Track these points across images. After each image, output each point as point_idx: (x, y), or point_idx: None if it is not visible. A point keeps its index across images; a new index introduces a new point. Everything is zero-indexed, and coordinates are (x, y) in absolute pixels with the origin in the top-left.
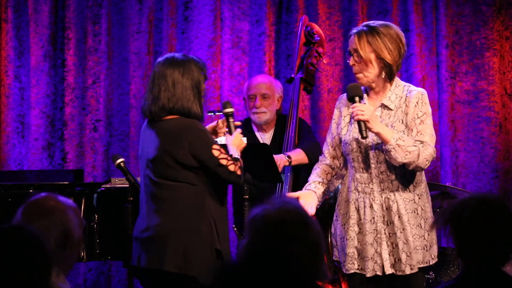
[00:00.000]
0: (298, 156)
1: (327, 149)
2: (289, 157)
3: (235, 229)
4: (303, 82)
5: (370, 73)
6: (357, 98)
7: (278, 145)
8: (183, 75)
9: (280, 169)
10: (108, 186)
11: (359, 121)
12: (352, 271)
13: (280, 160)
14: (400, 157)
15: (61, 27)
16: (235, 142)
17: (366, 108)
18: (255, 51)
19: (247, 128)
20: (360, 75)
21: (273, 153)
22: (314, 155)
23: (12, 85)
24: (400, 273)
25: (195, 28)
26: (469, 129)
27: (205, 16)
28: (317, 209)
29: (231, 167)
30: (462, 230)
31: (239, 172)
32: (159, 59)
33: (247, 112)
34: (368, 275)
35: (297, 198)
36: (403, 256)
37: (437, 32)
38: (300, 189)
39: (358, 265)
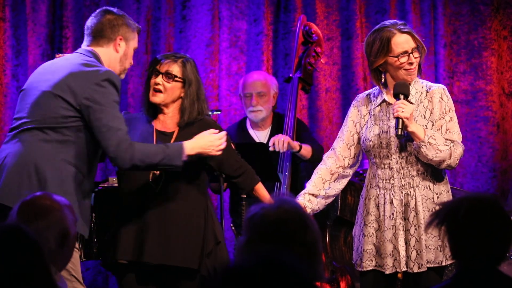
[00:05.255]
0: (306, 149)
1: (339, 147)
2: (300, 146)
3: (232, 228)
4: (301, 82)
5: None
6: (401, 96)
7: None
8: None
9: (285, 148)
10: (105, 185)
11: (397, 118)
12: (370, 268)
13: (293, 143)
14: (431, 154)
15: (59, 26)
16: None
17: (408, 106)
18: (253, 50)
19: (241, 128)
20: (415, 72)
21: (270, 153)
22: (318, 157)
23: (10, 84)
24: (410, 271)
25: (193, 27)
26: (467, 128)
27: (203, 15)
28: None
29: None
30: (457, 230)
31: None
32: None
33: (244, 110)
34: (387, 272)
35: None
36: (413, 254)
37: (435, 31)
38: (298, 188)
39: (376, 262)
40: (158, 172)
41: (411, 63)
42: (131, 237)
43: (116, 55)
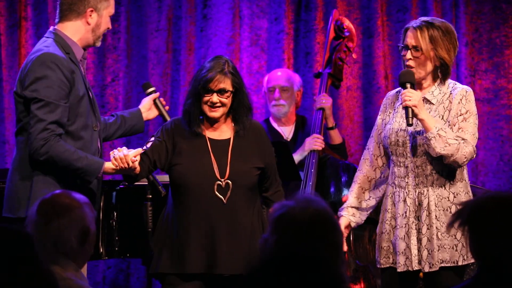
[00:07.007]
0: (338, 135)
1: (372, 146)
2: (335, 124)
3: None
4: (331, 78)
5: (423, 71)
6: (408, 85)
7: (300, 140)
8: None
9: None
10: (126, 183)
11: (406, 108)
12: (387, 265)
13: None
14: (439, 147)
15: None
16: None
17: (414, 94)
18: (274, 49)
19: (267, 126)
20: (413, 70)
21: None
22: (343, 149)
23: None
24: (422, 270)
25: (214, 26)
26: (489, 127)
27: (224, 14)
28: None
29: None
30: (480, 230)
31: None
32: None
33: (265, 108)
34: (399, 270)
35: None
36: (425, 253)
37: (457, 30)
38: (325, 186)
39: (393, 260)
40: (224, 183)
41: (408, 59)
42: (201, 250)
43: (88, 27)
